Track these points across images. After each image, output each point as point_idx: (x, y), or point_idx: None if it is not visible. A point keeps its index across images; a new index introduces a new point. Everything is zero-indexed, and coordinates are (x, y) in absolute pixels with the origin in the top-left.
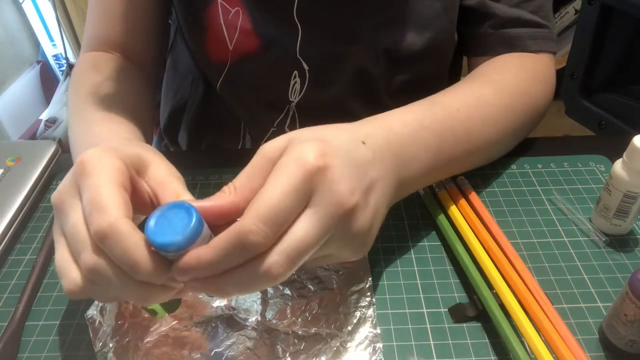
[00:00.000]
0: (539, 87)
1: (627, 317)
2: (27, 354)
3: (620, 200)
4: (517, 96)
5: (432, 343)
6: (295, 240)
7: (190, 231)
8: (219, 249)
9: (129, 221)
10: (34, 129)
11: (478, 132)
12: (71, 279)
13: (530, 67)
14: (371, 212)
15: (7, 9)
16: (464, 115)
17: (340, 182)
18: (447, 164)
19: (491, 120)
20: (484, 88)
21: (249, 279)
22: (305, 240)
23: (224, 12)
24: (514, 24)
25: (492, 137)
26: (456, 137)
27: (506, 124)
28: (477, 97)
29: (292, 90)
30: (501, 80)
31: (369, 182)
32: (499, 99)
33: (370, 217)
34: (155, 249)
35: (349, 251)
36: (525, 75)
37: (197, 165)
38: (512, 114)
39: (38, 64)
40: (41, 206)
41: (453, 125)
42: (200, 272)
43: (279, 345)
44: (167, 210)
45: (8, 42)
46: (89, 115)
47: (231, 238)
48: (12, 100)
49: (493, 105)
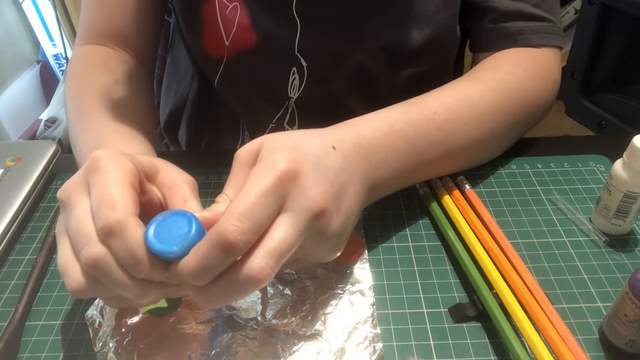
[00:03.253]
0: (535, 85)
1: (627, 317)
2: (27, 354)
3: (620, 200)
4: (508, 94)
5: (432, 343)
6: (275, 242)
7: (188, 241)
8: (200, 254)
9: (137, 219)
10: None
11: (457, 135)
12: (74, 277)
13: (527, 64)
14: (343, 216)
15: (7, 9)
16: (442, 117)
17: (313, 188)
18: (422, 167)
19: (474, 121)
20: (470, 88)
21: (233, 285)
22: (284, 242)
23: (221, 7)
24: (515, 18)
25: (475, 138)
26: (430, 140)
27: (492, 124)
28: (460, 98)
29: (291, 87)
30: (491, 79)
31: (339, 187)
32: (485, 98)
33: (342, 221)
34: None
35: (321, 253)
36: (521, 72)
37: (196, 165)
38: (500, 114)
39: (38, 63)
40: (41, 206)
41: (428, 128)
42: (190, 280)
43: (279, 345)
44: (169, 217)
45: (8, 42)
46: (101, 129)
47: (210, 241)
48: (12, 100)
49: (477, 105)
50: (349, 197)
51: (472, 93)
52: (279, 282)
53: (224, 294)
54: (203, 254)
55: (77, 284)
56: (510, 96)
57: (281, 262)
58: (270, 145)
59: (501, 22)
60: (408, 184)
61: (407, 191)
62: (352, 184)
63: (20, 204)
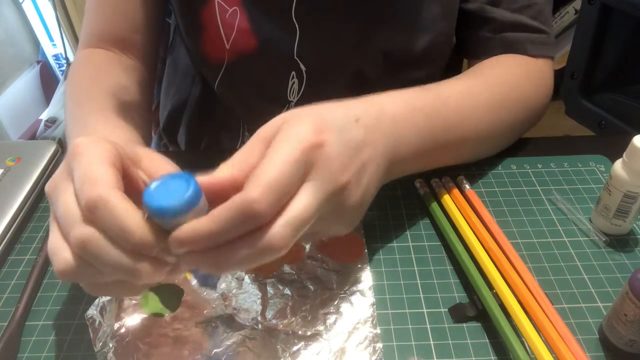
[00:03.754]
0: (531, 84)
1: (627, 317)
2: (27, 354)
3: (620, 200)
4: (507, 89)
5: (432, 343)
6: (296, 212)
7: (187, 198)
8: (220, 219)
9: (120, 192)
10: (34, 129)
11: (469, 120)
12: (62, 258)
13: (524, 66)
14: (362, 190)
15: (7, 9)
16: (455, 103)
17: (335, 159)
18: (439, 149)
19: (481, 109)
20: (474, 80)
21: (250, 251)
22: (306, 212)
23: (221, 11)
24: (514, 29)
25: (482, 126)
26: (447, 122)
27: (497, 115)
28: (467, 88)
29: (291, 90)
30: (491, 74)
31: (361, 162)
32: (489, 90)
33: (361, 195)
34: (151, 216)
35: (339, 226)
36: (518, 71)
37: (196, 165)
38: (502, 107)
39: (38, 64)
40: (41, 206)
41: (444, 110)
42: (198, 244)
43: (279, 345)
44: (168, 180)
45: (8, 42)
46: (90, 118)
47: (235, 208)
48: (12, 100)
49: (482, 95)
50: (369, 172)
51: (477, 84)
52: (279, 282)
53: (238, 260)
54: (224, 219)
55: (64, 265)
56: (510, 91)
57: (300, 233)
58: (294, 116)
59: (500, 32)
60: (425, 166)
61: (407, 191)
62: (373, 158)
63: (20, 204)
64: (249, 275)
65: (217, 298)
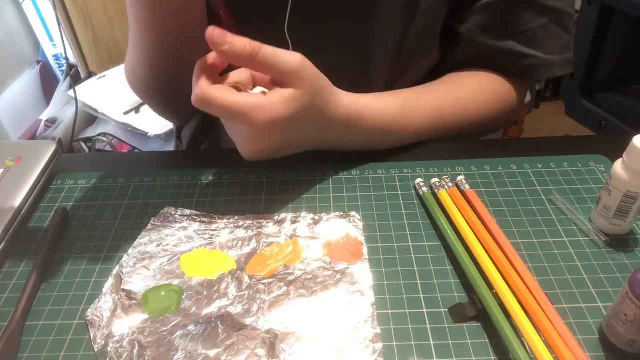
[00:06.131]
0: (489, 100)
1: (627, 317)
2: (27, 354)
3: (620, 200)
4: (457, 98)
5: (432, 343)
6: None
7: None
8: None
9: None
10: (34, 129)
11: (410, 120)
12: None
13: (491, 82)
14: (278, 140)
15: (7, 9)
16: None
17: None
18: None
19: (422, 113)
20: (437, 85)
21: None
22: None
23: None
24: (501, 56)
25: (418, 127)
26: (393, 126)
27: (434, 121)
28: (449, 86)
29: None
30: (452, 81)
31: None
32: (439, 97)
33: (275, 141)
34: None
35: (240, 138)
36: (493, 81)
37: (197, 165)
38: (441, 115)
39: (38, 64)
40: (41, 206)
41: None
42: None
43: (279, 345)
44: None
45: (8, 42)
46: None
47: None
48: (12, 100)
49: (427, 100)
50: (297, 140)
51: (435, 86)
52: (278, 282)
53: None
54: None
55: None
56: (486, 95)
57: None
58: (309, 77)
59: (487, 58)
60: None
61: (407, 191)
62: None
63: (20, 204)
64: (249, 275)
65: (217, 298)
